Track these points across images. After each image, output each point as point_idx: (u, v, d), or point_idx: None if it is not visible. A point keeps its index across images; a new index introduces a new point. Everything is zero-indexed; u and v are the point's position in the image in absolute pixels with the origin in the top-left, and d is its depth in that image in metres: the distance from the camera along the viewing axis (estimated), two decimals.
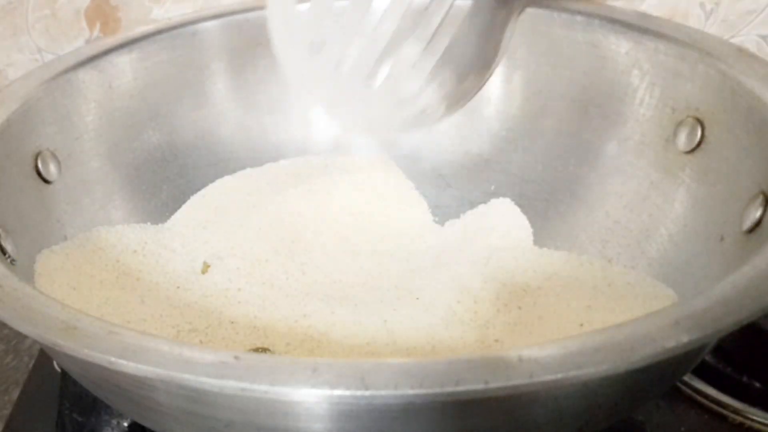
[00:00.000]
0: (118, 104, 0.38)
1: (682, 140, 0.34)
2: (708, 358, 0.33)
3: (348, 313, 0.34)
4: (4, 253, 0.27)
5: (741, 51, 0.33)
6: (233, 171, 0.43)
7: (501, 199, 0.41)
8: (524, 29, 0.39)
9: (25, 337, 0.38)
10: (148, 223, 0.39)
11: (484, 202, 0.41)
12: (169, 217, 0.40)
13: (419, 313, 0.34)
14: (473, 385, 0.17)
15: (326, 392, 0.18)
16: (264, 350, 0.32)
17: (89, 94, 0.37)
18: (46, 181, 0.33)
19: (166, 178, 0.40)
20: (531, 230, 0.39)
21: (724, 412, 0.32)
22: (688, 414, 0.32)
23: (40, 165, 0.32)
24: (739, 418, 0.31)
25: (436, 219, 0.42)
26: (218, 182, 0.42)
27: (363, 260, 0.38)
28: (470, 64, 0.36)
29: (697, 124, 0.33)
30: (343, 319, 0.33)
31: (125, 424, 0.32)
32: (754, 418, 0.31)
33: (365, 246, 0.39)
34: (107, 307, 0.32)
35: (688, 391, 0.32)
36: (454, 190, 0.43)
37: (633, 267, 0.34)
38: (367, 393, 0.17)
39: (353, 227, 0.41)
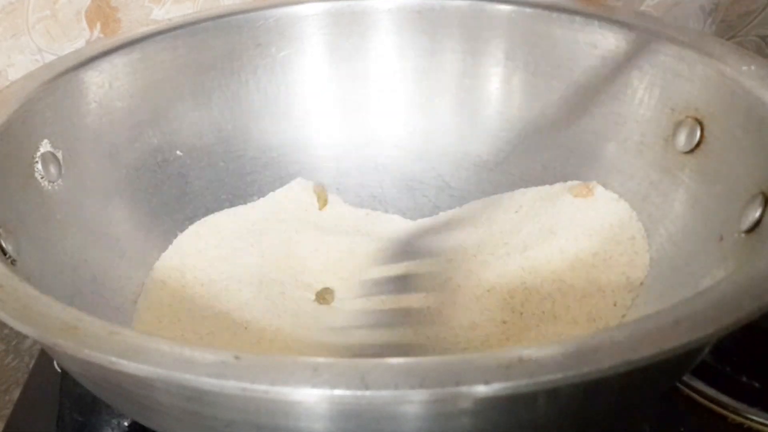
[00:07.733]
0: (119, 105, 0.38)
1: (682, 140, 0.34)
2: (707, 358, 0.33)
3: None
4: (5, 253, 0.27)
5: (740, 51, 0.33)
6: (233, 172, 0.43)
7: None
8: (524, 30, 0.39)
9: (26, 337, 0.38)
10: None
11: None
12: (168, 217, 0.40)
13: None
14: (473, 385, 0.17)
15: (326, 392, 0.17)
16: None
17: (90, 94, 0.37)
18: (46, 182, 0.33)
19: (167, 178, 0.40)
20: None
21: (724, 412, 0.32)
22: (688, 414, 0.32)
23: (40, 165, 0.32)
24: (739, 418, 0.31)
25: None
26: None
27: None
28: None
29: (697, 124, 0.33)
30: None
31: (125, 424, 0.32)
32: (754, 418, 0.31)
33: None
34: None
35: (688, 391, 0.32)
36: (454, 190, 0.43)
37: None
38: (368, 393, 0.17)
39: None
